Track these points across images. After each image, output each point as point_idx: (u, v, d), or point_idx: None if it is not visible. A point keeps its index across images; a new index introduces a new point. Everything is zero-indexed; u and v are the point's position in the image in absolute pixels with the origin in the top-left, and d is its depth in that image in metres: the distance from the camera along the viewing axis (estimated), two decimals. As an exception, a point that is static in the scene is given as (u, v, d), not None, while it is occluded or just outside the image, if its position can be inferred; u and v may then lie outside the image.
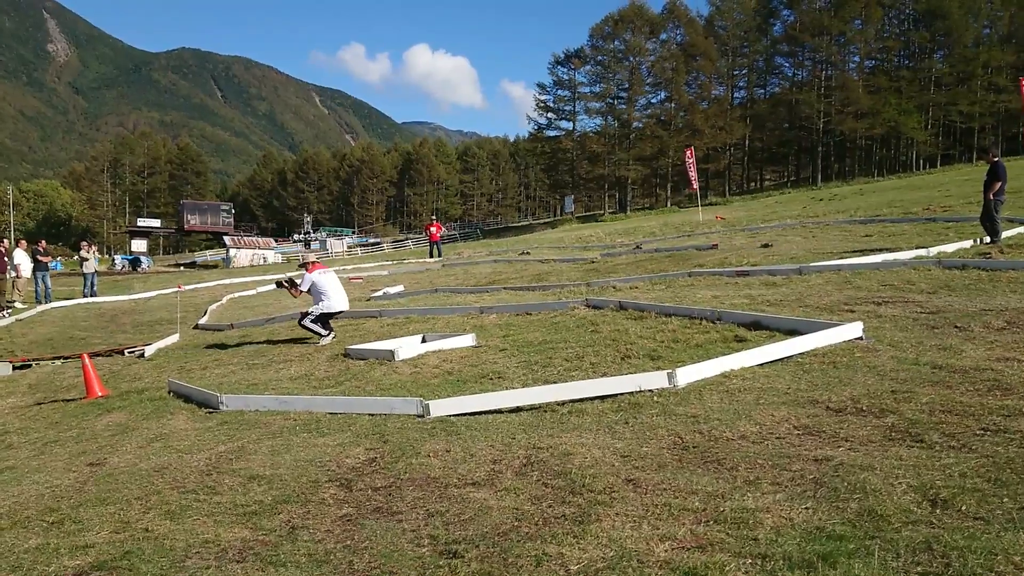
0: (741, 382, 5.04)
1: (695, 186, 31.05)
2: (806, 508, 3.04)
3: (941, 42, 64.45)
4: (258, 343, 9.58)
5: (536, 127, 74.20)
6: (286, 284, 9.49)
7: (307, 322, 8.98)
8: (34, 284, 19.50)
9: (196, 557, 3.19)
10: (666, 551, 2.78)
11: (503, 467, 4.09)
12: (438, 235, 27.10)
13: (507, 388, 5.79)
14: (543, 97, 72.17)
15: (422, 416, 5.18)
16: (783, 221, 21.11)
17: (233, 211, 78.22)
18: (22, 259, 19.23)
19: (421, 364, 7.05)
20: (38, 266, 19.66)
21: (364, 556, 3.19)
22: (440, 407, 5.23)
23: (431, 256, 26.08)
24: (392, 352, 7.31)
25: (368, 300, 13.73)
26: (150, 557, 3.18)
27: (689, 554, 2.73)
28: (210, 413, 5.89)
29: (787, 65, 72.75)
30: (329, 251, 62.50)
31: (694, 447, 3.96)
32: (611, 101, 68.79)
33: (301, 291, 9.08)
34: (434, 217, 33.53)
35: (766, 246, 14.11)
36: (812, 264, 9.98)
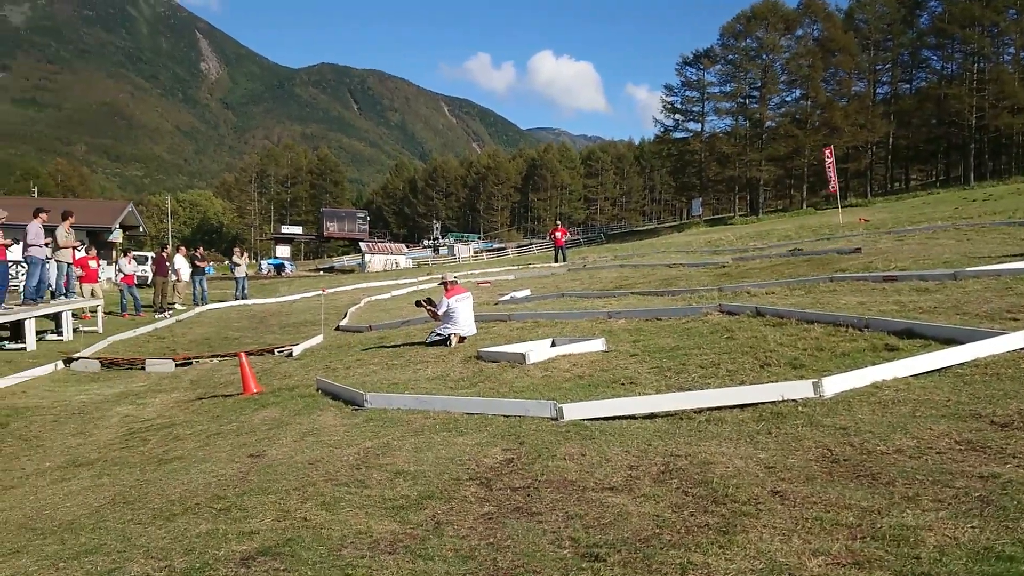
0: (894, 393, 4.77)
1: (834, 187, 29.56)
2: (972, 527, 2.85)
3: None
4: (396, 345, 9.97)
5: (662, 129, 73.10)
6: (424, 304, 9.86)
7: (430, 339, 9.39)
8: (192, 287, 21.18)
9: (351, 547, 3.38)
10: (819, 566, 2.69)
11: (640, 473, 4.07)
12: (563, 240, 27.21)
13: (640, 394, 5.75)
14: (670, 99, 71.01)
15: (556, 419, 5.23)
16: (933, 223, 19.72)
17: (368, 218, 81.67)
18: (181, 264, 20.93)
19: (552, 368, 7.11)
20: (195, 270, 21.33)
21: (507, 554, 3.27)
22: (574, 411, 5.26)
23: (556, 261, 26.22)
24: (523, 355, 7.42)
25: (496, 304, 13.98)
26: (309, 545, 3.39)
27: (845, 571, 2.62)
28: (356, 410, 6.20)
29: (935, 58, 67.89)
30: (456, 256, 64.07)
31: (845, 460, 3.79)
32: (742, 101, 66.66)
33: (439, 315, 9.42)
34: (559, 222, 33.69)
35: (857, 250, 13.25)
36: (968, 269, 9.28)
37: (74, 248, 15.42)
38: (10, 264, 14.55)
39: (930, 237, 15.90)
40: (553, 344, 8.15)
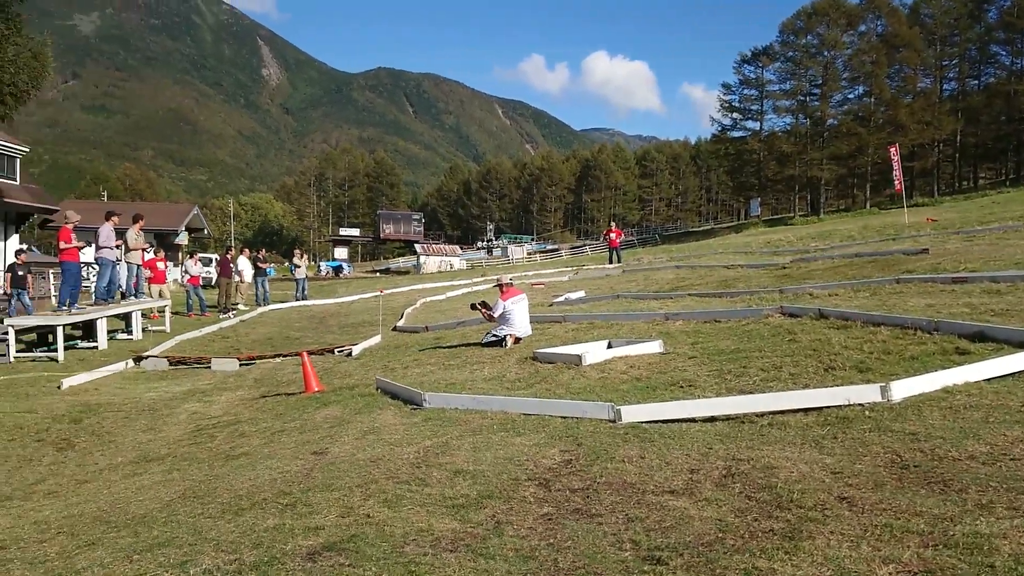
0: (966, 398, 4.61)
1: (900, 186, 28.67)
2: (1051, 537, 2.74)
3: None
4: (452, 346, 10.06)
5: (719, 128, 71.90)
6: (479, 307, 9.94)
7: (486, 340, 9.43)
8: (254, 288, 21.73)
9: (413, 544, 3.42)
10: (890, 574, 2.62)
11: (701, 477, 4.03)
12: (618, 241, 27.03)
13: (699, 396, 5.68)
14: (727, 97, 69.84)
15: (614, 421, 5.21)
16: (1003, 223, 18.95)
17: (423, 220, 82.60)
18: (244, 265, 21.48)
19: (608, 369, 7.08)
20: (258, 272, 21.87)
21: (568, 555, 3.27)
22: (632, 413, 5.23)
23: (610, 262, 26.07)
24: (579, 357, 7.40)
25: (550, 305, 13.97)
26: (373, 541, 3.45)
27: (918, 579, 2.55)
28: (414, 410, 6.28)
29: (1003, 53, 65.10)
30: (510, 258, 64.25)
31: (915, 466, 3.69)
32: (803, 98, 65.15)
33: (494, 317, 9.48)
34: (613, 223, 33.51)
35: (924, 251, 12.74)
36: (1046, 270, 8.90)
37: (143, 250, 15.98)
38: (82, 265, 15.14)
39: (1001, 237, 15.29)
40: (609, 346, 8.11)
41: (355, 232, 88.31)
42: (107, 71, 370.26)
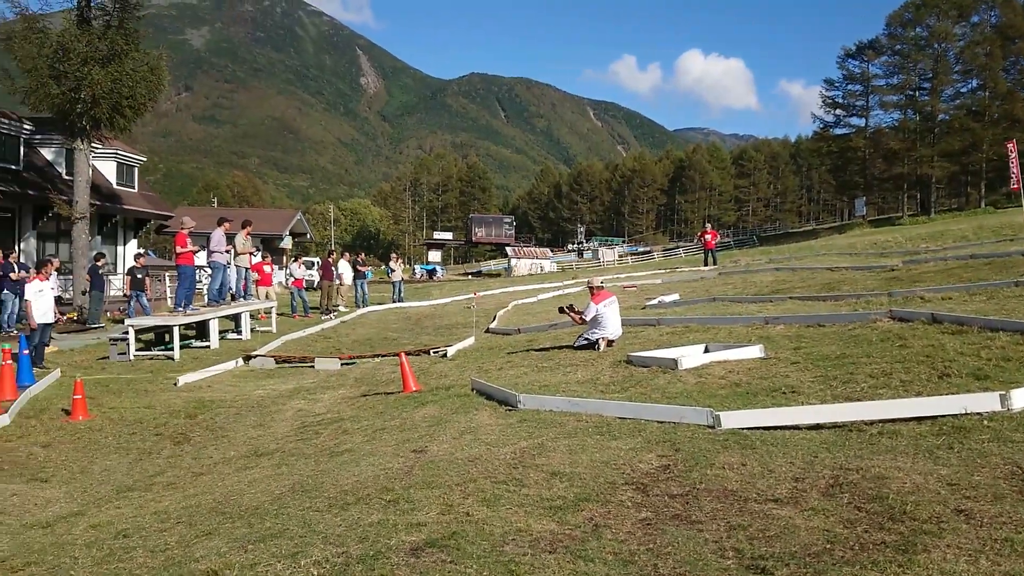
0: (1097, 409, 4.30)
1: (1017, 184, 26.86)
2: None
3: None
4: (544, 348, 10.09)
5: (821, 125, 69.13)
6: (568, 310, 9.90)
7: (578, 343, 9.39)
8: (354, 291, 22.43)
9: (512, 543, 3.47)
10: (1015, 594, 2.47)
11: (807, 486, 3.90)
12: (713, 243, 26.44)
13: (803, 403, 5.50)
14: (830, 93, 67.07)
15: (713, 427, 5.11)
16: None
17: (514, 223, 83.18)
18: (345, 269, 22.21)
19: (706, 374, 6.94)
20: (357, 275, 22.56)
21: (668, 561, 3.24)
22: (732, 419, 5.12)
23: (705, 264, 25.53)
24: (675, 361, 7.29)
25: (643, 308, 13.81)
26: (473, 539, 3.52)
27: (1046, 600, 2.40)
28: (509, 411, 6.34)
29: None
30: (601, 260, 63.87)
31: (1041, 481, 3.46)
32: (911, 93, 61.89)
33: (585, 320, 9.43)
34: (708, 224, 32.80)
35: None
36: None
37: (251, 254, 16.76)
38: (196, 269, 16.01)
39: None
40: (707, 350, 7.96)
41: (448, 236, 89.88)
42: (216, 83, 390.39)
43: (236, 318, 15.44)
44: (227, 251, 15.04)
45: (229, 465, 6.16)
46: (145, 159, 33.29)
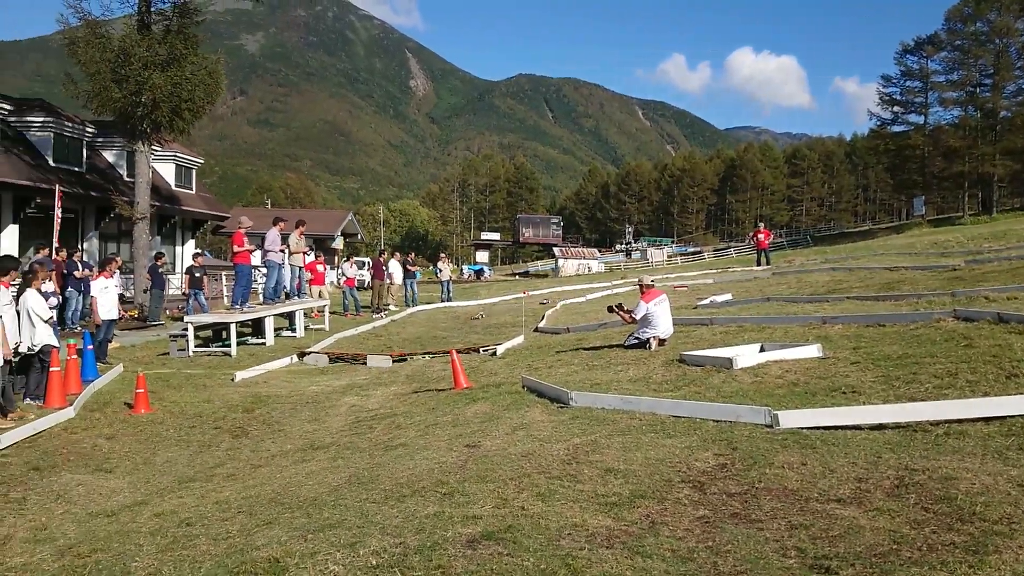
0: None
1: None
2: None
3: None
4: (595, 347, 10.03)
5: (878, 123, 67.25)
6: (617, 309, 9.78)
7: (628, 342, 9.29)
8: (404, 290, 22.66)
9: (568, 538, 3.45)
10: (1098, 599, 2.37)
11: (871, 486, 3.80)
12: (766, 242, 25.95)
13: (864, 403, 5.37)
14: (887, 90, 65.20)
15: (771, 426, 5.01)
16: None
17: (561, 224, 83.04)
18: (395, 268, 22.45)
19: (762, 373, 6.81)
20: (407, 274, 22.79)
21: (728, 559, 3.19)
22: (791, 418, 5.01)
23: (758, 264, 25.08)
24: (730, 360, 7.17)
25: (695, 308, 13.63)
26: (529, 533, 3.51)
27: None
28: (561, 408, 6.32)
29: None
30: (650, 260, 63.30)
31: (1121, 484, 3.31)
32: (972, 89, 59.81)
33: (635, 319, 9.32)
34: (761, 223, 32.21)
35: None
36: None
37: (304, 253, 17.06)
38: (252, 268, 16.35)
39: None
40: (762, 349, 7.82)
41: (495, 236, 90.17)
42: (270, 87, 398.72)
43: (290, 316, 15.73)
44: (281, 250, 15.33)
45: (286, 458, 6.27)
46: (202, 161, 34.18)
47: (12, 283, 8.42)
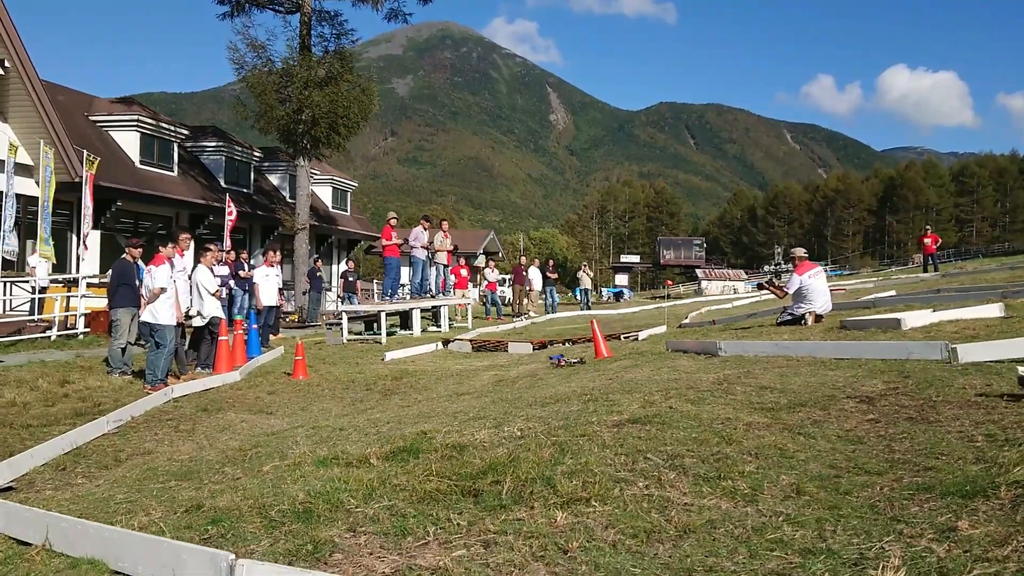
0: None
1: None
2: None
3: None
4: (745, 327, 9.60)
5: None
6: (767, 285, 9.30)
7: (781, 319, 8.74)
8: (543, 297, 22.82)
9: (721, 424, 3.27)
10: None
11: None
12: (934, 247, 23.93)
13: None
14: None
15: (948, 361, 4.56)
16: None
17: (704, 245, 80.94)
18: (535, 275, 22.67)
19: (935, 330, 6.24)
20: (547, 281, 22.96)
21: (903, 443, 2.91)
22: (971, 352, 4.54)
23: (925, 271, 23.19)
24: (899, 320, 6.62)
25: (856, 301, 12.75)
26: (678, 420, 3.37)
27: None
28: (710, 357, 6.06)
29: None
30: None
31: None
32: None
33: (787, 292, 8.80)
34: (928, 227, 29.82)
35: None
36: None
37: (449, 252, 17.54)
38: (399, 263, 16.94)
39: None
40: (935, 311, 7.17)
41: (635, 259, 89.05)
42: (418, 127, 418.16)
43: (435, 314, 16.18)
44: (425, 247, 15.83)
45: (434, 402, 6.40)
46: (356, 184, 36.18)
47: (185, 250, 9.23)
